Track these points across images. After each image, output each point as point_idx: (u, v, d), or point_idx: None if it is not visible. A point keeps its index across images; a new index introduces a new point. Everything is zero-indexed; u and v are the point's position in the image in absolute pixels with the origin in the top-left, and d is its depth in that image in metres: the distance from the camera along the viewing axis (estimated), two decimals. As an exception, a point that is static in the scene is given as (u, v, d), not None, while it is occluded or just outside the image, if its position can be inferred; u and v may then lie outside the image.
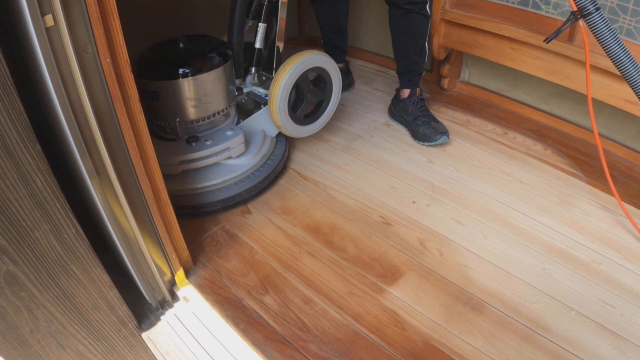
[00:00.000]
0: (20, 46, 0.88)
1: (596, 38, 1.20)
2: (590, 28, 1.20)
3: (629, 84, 1.22)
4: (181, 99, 1.46)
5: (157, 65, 1.44)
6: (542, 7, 1.67)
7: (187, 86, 1.44)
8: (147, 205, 1.11)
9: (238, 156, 1.57)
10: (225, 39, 1.61)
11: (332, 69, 1.70)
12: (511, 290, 1.27)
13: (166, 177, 1.33)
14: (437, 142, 1.81)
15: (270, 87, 1.58)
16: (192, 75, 1.43)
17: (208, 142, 1.50)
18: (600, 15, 1.18)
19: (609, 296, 1.24)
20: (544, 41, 1.39)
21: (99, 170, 0.97)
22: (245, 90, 1.69)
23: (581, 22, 1.23)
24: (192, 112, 1.50)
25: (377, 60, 2.45)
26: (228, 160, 1.57)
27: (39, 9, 0.77)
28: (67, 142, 0.92)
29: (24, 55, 0.90)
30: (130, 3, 1.32)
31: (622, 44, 1.18)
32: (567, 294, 1.25)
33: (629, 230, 1.42)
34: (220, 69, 1.48)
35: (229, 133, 1.55)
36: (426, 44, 1.84)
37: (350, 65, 2.30)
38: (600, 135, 1.78)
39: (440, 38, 1.98)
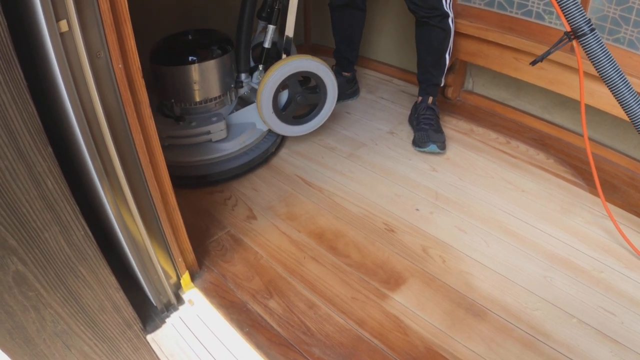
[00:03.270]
0: (34, 50, 0.90)
1: (591, 60, 1.16)
2: (584, 50, 1.16)
3: (625, 111, 1.17)
4: (176, 83, 1.66)
5: (161, 51, 1.65)
6: (546, 17, 1.70)
7: (181, 72, 1.64)
8: (155, 209, 1.12)
9: (218, 140, 1.71)
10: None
11: (327, 76, 1.75)
12: (513, 298, 1.28)
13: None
14: (424, 150, 1.83)
15: (259, 84, 1.67)
16: (183, 64, 1.62)
17: (192, 124, 1.67)
18: (595, 37, 1.13)
19: (610, 304, 1.25)
20: (530, 64, 1.34)
21: (108, 173, 0.98)
22: (252, 85, 1.79)
23: (575, 43, 1.18)
24: (185, 95, 1.69)
25: (382, 69, 2.47)
26: (217, 143, 1.71)
27: (54, 15, 0.79)
28: (77, 144, 0.94)
29: (37, 59, 0.92)
30: (142, 3, 1.40)
31: (618, 68, 1.14)
32: (568, 301, 1.26)
33: (630, 239, 1.43)
34: (213, 61, 1.66)
35: (213, 119, 1.69)
36: (446, 57, 1.85)
37: (356, 74, 2.31)
38: (602, 144, 1.80)
39: (445, 48, 1.99)
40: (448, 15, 1.74)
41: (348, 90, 2.21)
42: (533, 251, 1.41)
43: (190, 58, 1.62)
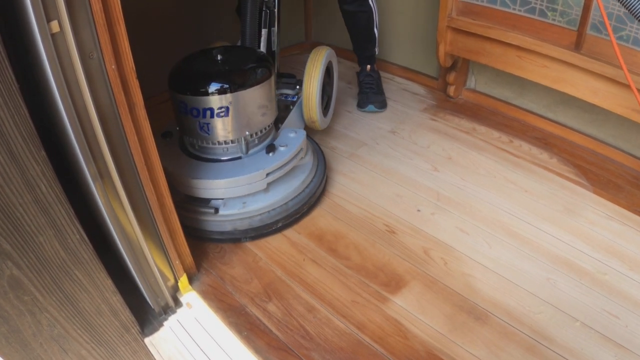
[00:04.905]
0: (25, 51, 0.89)
1: None
2: None
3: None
4: (255, 107, 1.40)
5: (222, 77, 1.36)
6: (549, 14, 1.67)
7: (261, 92, 1.39)
8: (151, 211, 1.11)
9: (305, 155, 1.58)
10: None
11: (335, 61, 1.82)
12: (515, 300, 1.26)
13: (250, 197, 1.44)
14: (364, 110, 2.07)
15: (305, 85, 1.64)
16: (259, 82, 1.37)
17: (283, 148, 1.46)
18: None
19: (614, 307, 1.23)
20: None
21: (102, 175, 0.97)
22: None
23: None
24: (261, 120, 1.44)
25: (383, 67, 2.44)
26: (302, 161, 1.56)
27: (45, 15, 0.77)
28: (71, 147, 0.92)
29: (29, 61, 0.90)
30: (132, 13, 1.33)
31: None
32: (572, 304, 1.24)
33: (634, 240, 1.41)
34: (274, 75, 1.46)
35: (292, 135, 1.52)
36: (374, 31, 2.04)
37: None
38: (606, 144, 1.77)
39: (447, 45, 1.97)
40: None
41: None
42: (536, 253, 1.39)
43: (253, 76, 1.37)
